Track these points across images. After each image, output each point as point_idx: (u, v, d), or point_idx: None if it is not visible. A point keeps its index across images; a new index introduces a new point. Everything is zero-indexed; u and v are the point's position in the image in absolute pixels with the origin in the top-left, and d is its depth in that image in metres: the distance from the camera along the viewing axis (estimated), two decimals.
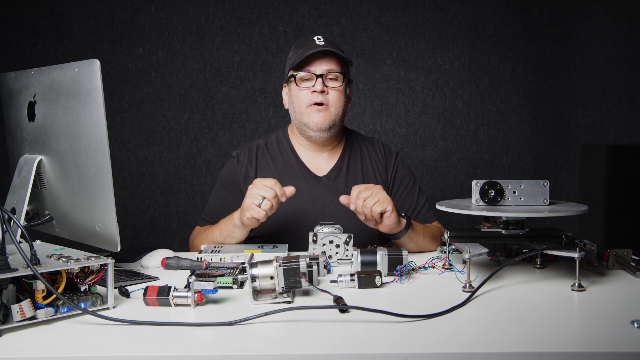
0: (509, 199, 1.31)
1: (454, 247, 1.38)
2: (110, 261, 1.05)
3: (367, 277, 1.22)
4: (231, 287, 1.22)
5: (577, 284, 1.20)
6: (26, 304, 0.96)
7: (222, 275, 1.25)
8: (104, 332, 0.97)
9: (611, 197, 2.85)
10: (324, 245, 1.44)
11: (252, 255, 1.43)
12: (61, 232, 1.36)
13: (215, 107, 3.26)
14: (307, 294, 1.18)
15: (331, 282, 1.22)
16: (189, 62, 3.23)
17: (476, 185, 1.31)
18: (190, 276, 1.27)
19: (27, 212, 1.36)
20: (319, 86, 1.69)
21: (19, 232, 1.18)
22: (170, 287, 1.09)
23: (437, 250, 1.59)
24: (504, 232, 1.27)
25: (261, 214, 1.47)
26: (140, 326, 0.99)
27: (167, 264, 1.41)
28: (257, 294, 1.12)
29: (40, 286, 0.98)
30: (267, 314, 1.01)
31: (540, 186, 1.31)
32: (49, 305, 1.00)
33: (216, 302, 1.13)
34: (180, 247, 1.68)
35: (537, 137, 3.35)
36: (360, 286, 1.22)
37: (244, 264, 1.37)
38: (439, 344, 0.92)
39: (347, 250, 1.44)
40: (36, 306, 0.98)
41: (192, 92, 3.25)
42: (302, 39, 1.77)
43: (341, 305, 1.07)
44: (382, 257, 1.31)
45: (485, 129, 3.34)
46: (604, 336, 0.95)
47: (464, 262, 1.21)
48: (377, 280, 1.22)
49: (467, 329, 1.00)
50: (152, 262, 1.45)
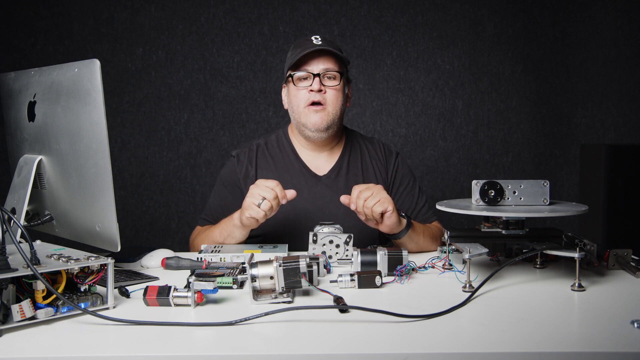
0: (509, 199, 1.31)
1: (454, 247, 1.38)
2: (110, 261, 1.05)
3: (367, 277, 1.22)
4: (231, 287, 1.22)
5: (577, 284, 1.20)
6: (26, 304, 0.96)
7: (222, 275, 1.25)
8: (104, 332, 0.97)
9: (611, 197, 2.85)
10: (324, 245, 1.44)
11: (252, 255, 1.43)
12: (61, 232, 1.36)
13: (215, 107, 3.25)
14: (307, 294, 1.18)
15: (331, 282, 1.22)
16: (189, 62, 3.23)
17: (476, 185, 1.31)
18: (190, 276, 1.27)
19: (27, 212, 1.36)
20: (316, 85, 1.69)
21: (19, 232, 1.18)
22: (170, 287, 1.09)
23: (437, 250, 1.59)
24: (504, 232, 1.27)
25: (260, 214, 1.47)
26: (140, 326, 0.99)
27: (167, 264, 1.41)
28: (257, 294, 1.12)
29: (40, 286, 0.98)
30: (267, 314, 1.01)
31: (540, 186, 1.31)
32: (49, 305, 1.00)
33: (216, 302, 1.13)
34: (180, 247, 1.68)
35: (537, 137, 3.35)
36: (360, 286, 1.22)
37: (244, 264, 1.37)
38: (439, 344, 0.92)
39: (347, 250, 1.44)
40: (36, 306, 0.98)
41: (192, 92, 3.25)
42: (300, 39, 1.78)
43: (341, 305, 1.07)
44: (382, 257, 1.31)
45: (485, 129, 3.34)
46: (604, 336, 0.95)
47: (464, 262, 1.21)
48: (377, 280, 1.22)
49: (467, 329, 1.00)
50: (152, 262, 1.45)
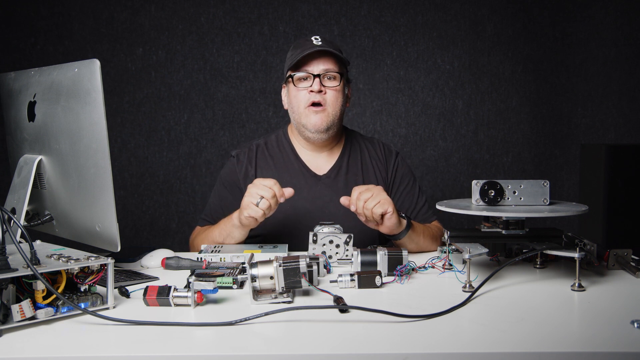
0: (509, 199, 1.31)
1: (454, 247, 1.38)
2: (110, 261, 1.05)
3: (367, 277, 1.22)
4: (231, 287, 1.22)
5: (577, 284, 1.20)
6: (26, 304, 0.96)
7: (222, 275, 1.25)
8: (104, 332, 0.97)
9: (611, 197, 2.85)
10: (324, 245, 1.44)
11: (252, 255, 1.43)
12: (61, 232, 1.36)
13: (215, 107, 3.25)
14: (307, 294, 1.18)
15: (331, 282, 1.22)
16: (189, 62, 3.23)
17: (476, 185, 1.31)
18: (190, 276, 1.27)
19: (27, 212, 1.36)
20: (316, 86, 1.69)
21: (19, 232, 1.18)
22: (170, 287, 1.09)
23: (437, 250, 1.59)
24: (504, 232, 1.27)
25: (259, 213, 1.47)
26: (140, 326, 0.99)
27: (167, 264, 1.41)
28: (257, 294, 1.12)
29: (40, 286, 0.98)
30: (267, 314, 1.01)
31: (540, 186, 1.31)
32: (49, 305, 1.00)
33: (216, 302, 1.13)
34: (180, 247, 1.68)
35: (537, 137, 3.35)
36: (360, 286, 1.22)
37: (244, 264, 1.37)
38: (439, 344, 0.92)
39: (347, 250, 1.44)
40: (36, 306, 0.98)
41: (192, 92, 3.25)
42: (300, 39, 1.78)
43: (341, 305, 1.07)
44: (382, 257, 1.31)
45: (485, 129, 3.34)
46: (604, 336, 0.95)
47: (464, 262, 1.21)
48: (377, 280, 1.22)
49: (467, 329, 1.00)
50: (152, 262, 1.45)
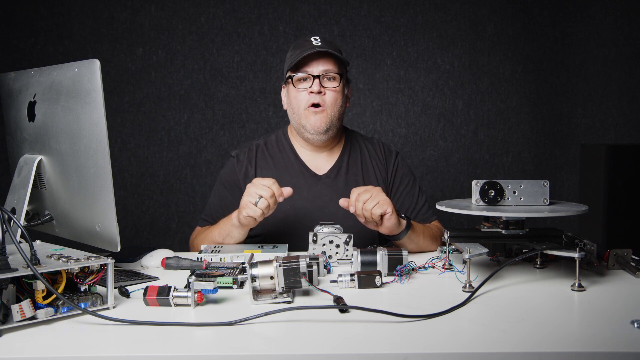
0: (509, 199, 1.31)
1: (454, 247, 1.38)
2: (110, 261, 1.05)
3: (367, 277, 1.22)
4: (231, 287, 1.22)
5: (577, 284, 1.20)
6: (26, 304, 0.96)
7: (222, 275, 1.25)
8: (104, 332, 0.97)
9: (611, 197, 2.85)
10: (324, 245, 1.44)
11: (252, 255, 1.43)
12: (61, 232, 1.36)
13: (215, 107, 3.25)
14: (307, 294, 1.18)
15: (331, 282, 1.22)
16: (189, 62, 3.23)
17: (476, 185, 1.31)
18: (190, 276, 1.27)
19: (27, 212, 1.36)
20: (316, 87, 1.69)
21: (19, 232, 1.18)
22: (170, 287, 1.09)
23: (437, 250, 1.59)
24: (504, 232, 1.27)
25: (257, 212, 1.47)
26: (140, 326, 0.99)
27: (167, 264, 1.41)
28: (257, 294, 1.12)
29: (40, 286, 0.98)
30: (267, 314, 1.01)
31: (540, 186, 1.31)
32: (49, 305, 1.00)
33: (216, 302, 1.13)
34: (180, 247, 1.68)
35: (537, 137, 3.35)
36: (360, 286, 1.22)
37: (244, 264, 1.37)
38: (439, 344, 0.92)
39: (347, 250, 1.44)
40: (36, 306, 0.98)
41: (192, 92, 3.25)
42: (300, 39, 1.78)
43: (341, 305, 1.07)
44: (382, 257, 1.31)
45: (485, 129, 3.34)
46: (604, 336, 0.95)
47: (464, 262, 1.21)
48: (377, 280, 1.22)
49: (467, 329, 1.00)
50: (152, 262, 1.45)
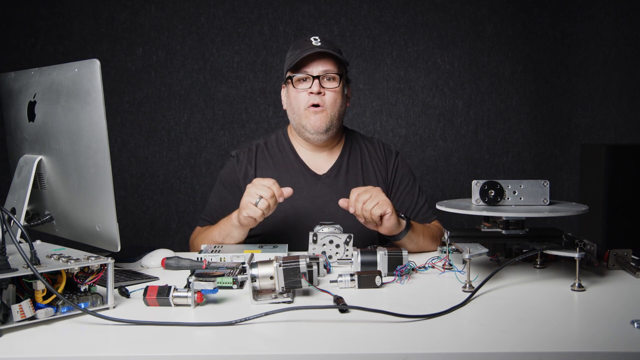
0: (509, 199, 1.31)
1: (454, 247, 1.38)
2: (110, 261, 1.05)
3: (367, 277, 1.22)
4: (231, 287, 1.22)
5: (577, 284, 1.20)
6: (26, 304, 0.96)
7: (222, 275, 1.25)
8: (104, 332, 0.97)
9: (611, 197, 2.85)
10: (324, 245, 1.44)
11: (252, 255, 1.43)
12: (61, 232, 1.36)
13: (215, 107, 3.25)
14: (307, 294, 1.18)
15: (331, 282, 1.22)
16: (189, 62, 3.23)
17: (476, 185, 1.31)
18: (190, 276, 1.27)
19: (27, 212, 1.36)
20: (315, 88, 1.69)
21: (19, 232, 1.18)
22: (170, 287, 1.09)
23: (437, 250, 1.59)
24: (504, 232, 1.27)
25: (257, 213, 1.47)
26: (140, 326, 0.99)
27: (167, 264, 1.41)
28: (257, 294, 1.12)
29: (40, 286, 0.98)
30: (267, 314, 1.01)
31: (540, 186, 1.31)
32: (49, 305, 1.00)
33: (216, 302, 1.13)
34: (180, 247, 1.68)
35: (537, 137, 3.35)
36: (360, 286, 1.22)
37: (244, 264, 1.37)
38: (439, 344, 0.92)
39: (347, 250, 1.44)
40: (36, 306, 0.98)
41: (192, 92, 3.24)
42: (300, 39, 1.78)
43: (341, 305, 1.07)
44: (382, 257, 1.31)
45: (485, 129, 3.34)
46: (604, 336, 0.95)
47: (464, 262, 1.21)
48: (377, 280, 1.22)
49: (467, 329, 1.00)
50: (152, 262, 1.45)
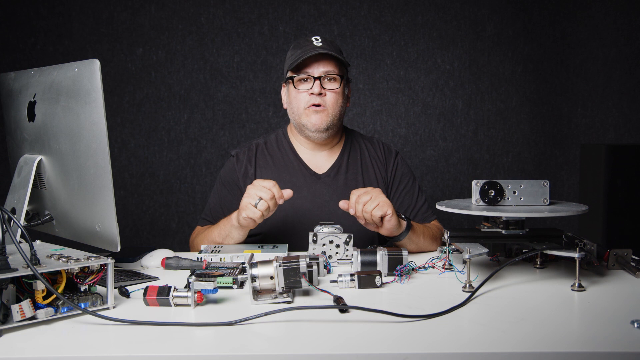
0: (509, 199, 1.31)
1: (454, 247, 1.38)
2: (110, 261, 1.05)
3: (367, 277, 1.22)
4: (231, 287, 1.22)
5: (577, 284, 1.20)
6: (26, 304, 0.96)
7: (222, 275, 1.25)
8: (104, 332, 0.97)
9: (611, 197, 2.85)
10: (324, 245, 1.44)
11: (252, 255, 1.43)
12: (61, 232, 1.36)
13: (215, 107, 3.25)
14: (307, 294, 1.18)
15: (331, 282, 1.22)
16: (189, 62, 3.23)
17: (476, 185, 1.31)
18: (190, 276, 1.27)
19: (27, 212, 1.36)
20: (316, 88, 1.69)
21: (19, 232, 1.18)
22: (170, 287, 1.09)
23: (437, 250, 1.59)
24: (504, 232, 1.27)
25: (257, 214, 1.47)
26: (140, 326, 0.99)
27: (167, 264, 1.41)
28: (257, 294, 1.12)
29: (40, 286, 0.98)
30: (267, 314, 1.01)
31: (540, 186, 1.31)
32: (49, 305, 1.00)
33: (216, 302, 1.13)
34: (180, 247, 1.68)
35: (537, 137, 3.35)
36: (360, 286, 1.22)
37: (244, 264, 1.37)
38: (439, 344, 0.92)
39: (347, 250, 1.44)
40: (36, 306, 0.98)
41: (192, 92, 3.25)
42: (300, 39, 1.77)
43: (341, 305, 1.07)
44: (382, 257, 1.31)
45: (485, 129, 3.34)
46: (604, 336, 0.95)
47: (464, 262, 1.21)
48: (377, 280, 1.22)
49: (467, 329, 1.00)
50: (152, 262, 1.45)
